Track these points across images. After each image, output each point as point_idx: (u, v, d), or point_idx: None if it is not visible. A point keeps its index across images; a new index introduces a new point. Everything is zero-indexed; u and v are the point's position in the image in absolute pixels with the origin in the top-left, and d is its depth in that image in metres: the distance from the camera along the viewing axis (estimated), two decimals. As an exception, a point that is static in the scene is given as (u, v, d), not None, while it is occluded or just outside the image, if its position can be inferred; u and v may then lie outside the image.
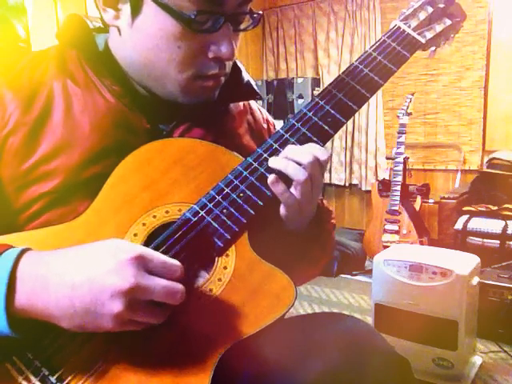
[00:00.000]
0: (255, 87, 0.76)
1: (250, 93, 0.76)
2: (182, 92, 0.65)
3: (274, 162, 0.61)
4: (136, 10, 0.60)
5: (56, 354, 0.52)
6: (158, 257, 0.50)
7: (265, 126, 0.82)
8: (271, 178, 0.60)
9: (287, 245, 0.67)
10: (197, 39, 0.61)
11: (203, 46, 0.62)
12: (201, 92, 0.66)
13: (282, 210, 0.62)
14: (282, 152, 0.61)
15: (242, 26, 0.65)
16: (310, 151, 0.60)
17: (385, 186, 3.05)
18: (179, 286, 0.50)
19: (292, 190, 0.60)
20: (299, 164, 0.59)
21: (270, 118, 0.85)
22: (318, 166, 0.60)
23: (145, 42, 0.61)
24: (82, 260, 0.50)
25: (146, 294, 0.48)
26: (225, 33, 0.61)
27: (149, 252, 0.50)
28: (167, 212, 0.60)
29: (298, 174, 0.59)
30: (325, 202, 0.78)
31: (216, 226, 0.58)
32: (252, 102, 0.82)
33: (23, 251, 0.51)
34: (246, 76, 0.75)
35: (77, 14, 0.69)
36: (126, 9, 0.61)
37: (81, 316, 0.48)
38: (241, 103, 0.79)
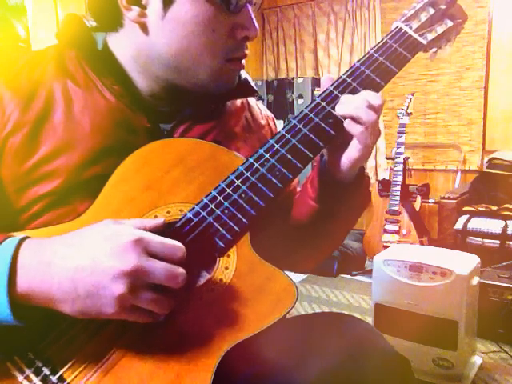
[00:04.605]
0: (252, 84, 0.76)
1: (247, 90, 0.76)
2: (213, 78, 0.66)
3: (341, 109, 0.64)
4: (168, 1, 0.61)
5: (57, 353, 0.52)
6: (157, 239, 0.51)
7: (263, 122, 0.82)
8: (347, 121, 0.63)
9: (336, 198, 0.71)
10: (227, 21, 0.63)
11: (232, 27, 0.64)
12: (229, 76, 0.69)
13: (354, 151, 0.64)
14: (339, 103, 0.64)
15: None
16: (362, 98, 0.63)
17: (385, 186, 3.05)
18: (180, 269, 0.50)
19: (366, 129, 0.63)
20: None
21: (269, 113, 0.86)
22: (373, 111, 0.62)
23: (179, 30, 0.62)
24: (83, 244, 0.50)
25: (147, 276, 0.49)
26: (248, 13, 0.65)
27: (148, 235, 0.51)
28: (168, 212, 0.60)
29: (368, 116, 0.62)
30: None
31: (217, 226, 0.58)
32: (250, 99, 0.82)
33: (23, 238, 0.51)
34: (244, 73, 0.75)
35: (75, 13, 0.69)
36: (154, 2, 0.61)
37: (83, 299, 0.49)
38: (238, 100, 0.79)
